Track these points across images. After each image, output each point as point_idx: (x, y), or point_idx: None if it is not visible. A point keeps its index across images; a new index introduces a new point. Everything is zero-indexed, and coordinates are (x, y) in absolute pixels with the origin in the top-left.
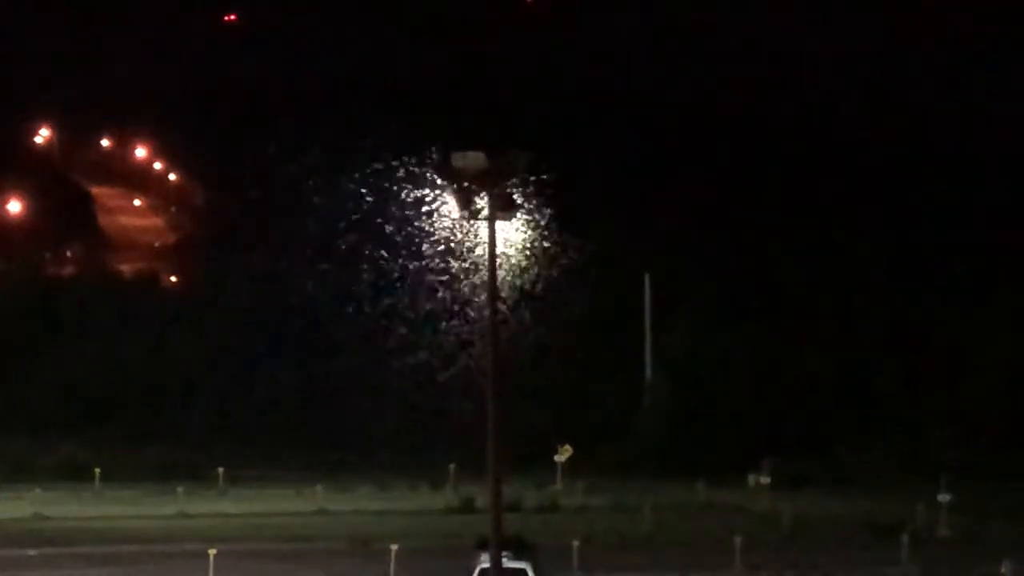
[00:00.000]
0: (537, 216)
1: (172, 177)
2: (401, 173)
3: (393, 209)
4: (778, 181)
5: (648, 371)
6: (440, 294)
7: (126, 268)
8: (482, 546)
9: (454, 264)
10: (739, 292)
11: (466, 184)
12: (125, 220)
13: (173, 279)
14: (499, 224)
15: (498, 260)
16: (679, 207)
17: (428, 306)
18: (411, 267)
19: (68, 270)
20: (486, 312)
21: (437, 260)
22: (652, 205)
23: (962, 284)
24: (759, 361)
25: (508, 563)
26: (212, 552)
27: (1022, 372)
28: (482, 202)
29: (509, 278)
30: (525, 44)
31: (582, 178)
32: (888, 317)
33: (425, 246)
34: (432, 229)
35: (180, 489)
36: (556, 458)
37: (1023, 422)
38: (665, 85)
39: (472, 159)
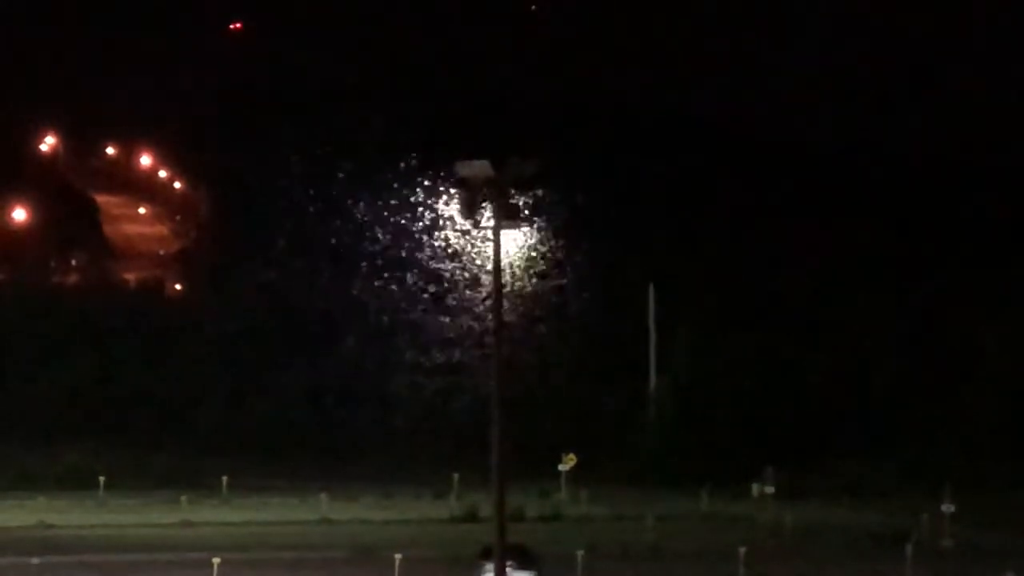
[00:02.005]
0: (542, 224)
1: (177, 185)
2: (407, 181)
3: (399, 216)
4: (782, 190)
5: (652, 381)
6: (445, 301)
7: (131, 276)
8: (486, 555)
9: (459, 272)
10: (743, 302)
11: (471, 193)
12: (130, 228)
13: (178, 287)
14: (504, 232)
15: (503, 268)
16: (683, 216)
17: (433, 314)
18: (416, 274)
19: (73, 278)
20: (491, 321)
21: (442, 268)
22: (656, 214)
23: (965, 294)
24: (763, 371)
25: (512, 572)
26: (216, 561)
27: None
28: (487, 210)
29: (514, 286)
30: (529, 52)
31: (586, 187)
32: (891, 327)
33: (430, 253)
34: (438, 236)
35: (184, 497)
36: (560, 467)
37: None
38: (667, 91)
39: (477, 168)
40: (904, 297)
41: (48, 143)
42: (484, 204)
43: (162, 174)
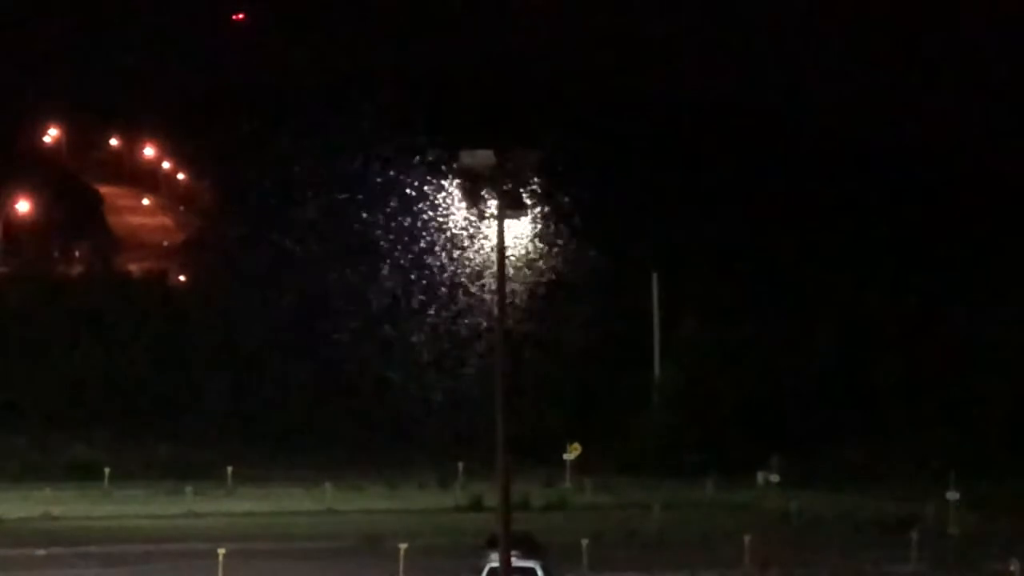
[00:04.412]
0: (546, 214)
1: (180, 176)
2: (410, 170)
3: (403, 207)
4: (784, 179)
5: (657, 369)
6: (449, 292)
7: (135, 267)
8: (492, 544)
9: (463, 262)
10: (747, 290)
11: (475, 182)
12: (133, 219)
13: (182, 278)
14: (508, 222)
15: (507, 258)
16: (687, 205)
17: (437, 304)
18: (420, 265)
19: (77, 269)
20: (495, 309)
21: (446, 258)
22: (660, 203)
23: (969, 280)
24: (767, 359)
25: (517, 562)
26: (221, 551)
27: None
28: (491, 200)
29: (518, 276)
30: (533, 43)
31: (590, 176)
32: (895, 314)
33: (434, 244)
34: (442, 227)
35: (189, 488)
36: (565, 456)
37: None
38: (671, 81)
39: (481, 157)
40: (909, 283)
41: (51, 135)
42: (488, 194)
43: (165, 165)
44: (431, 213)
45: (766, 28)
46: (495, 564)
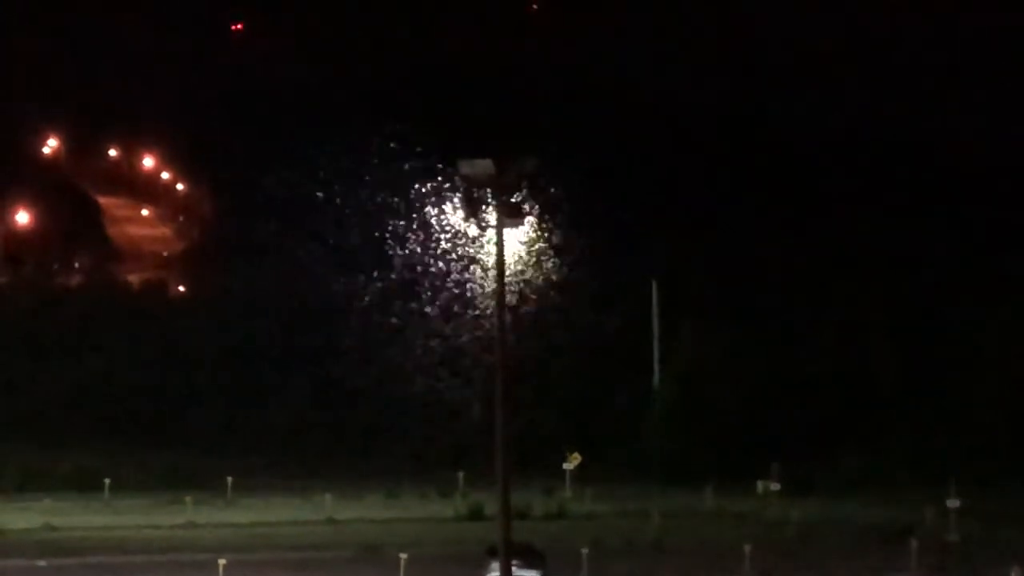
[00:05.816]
0: (544, 221)
1: (180, 186)
2: (409, 179)
3: (401, 215)
4: (783, 183)
5: (656, 377)
6: (449, 300)
7: (134, 278)
8: (492, 554)
9: (463, 269)
10: (746, 297)
11: (474, 191)
12: (133, 230)
13: (181, 288)
14: (507, 230)
15: (506, 266)
16: (685, 211)
17: (437, 312)
18: (420, 273)
19: (76, 280)
20: (495, 318)
21: (445, 265)
22: (659, 210)
23: (968, 286)
24: (767, 367)
25: (518, 571)
26: (221, 562)
27: None
28: (490, 209)
29: (518, 283)
30: (529, 50)
31: (588, 183)
32: (895, 321)
33: (433, 251)
34: (440, 234)
35: (189, 499)
36: (564, 465)
37: None
38: (668, 85)
39: (480, 166)
40: (907, 288)
41: (51, 145)
42: (487, 203)
43: (165, 176)
44: (431, 221)
45: (762, 27)
46: (496, 573)
